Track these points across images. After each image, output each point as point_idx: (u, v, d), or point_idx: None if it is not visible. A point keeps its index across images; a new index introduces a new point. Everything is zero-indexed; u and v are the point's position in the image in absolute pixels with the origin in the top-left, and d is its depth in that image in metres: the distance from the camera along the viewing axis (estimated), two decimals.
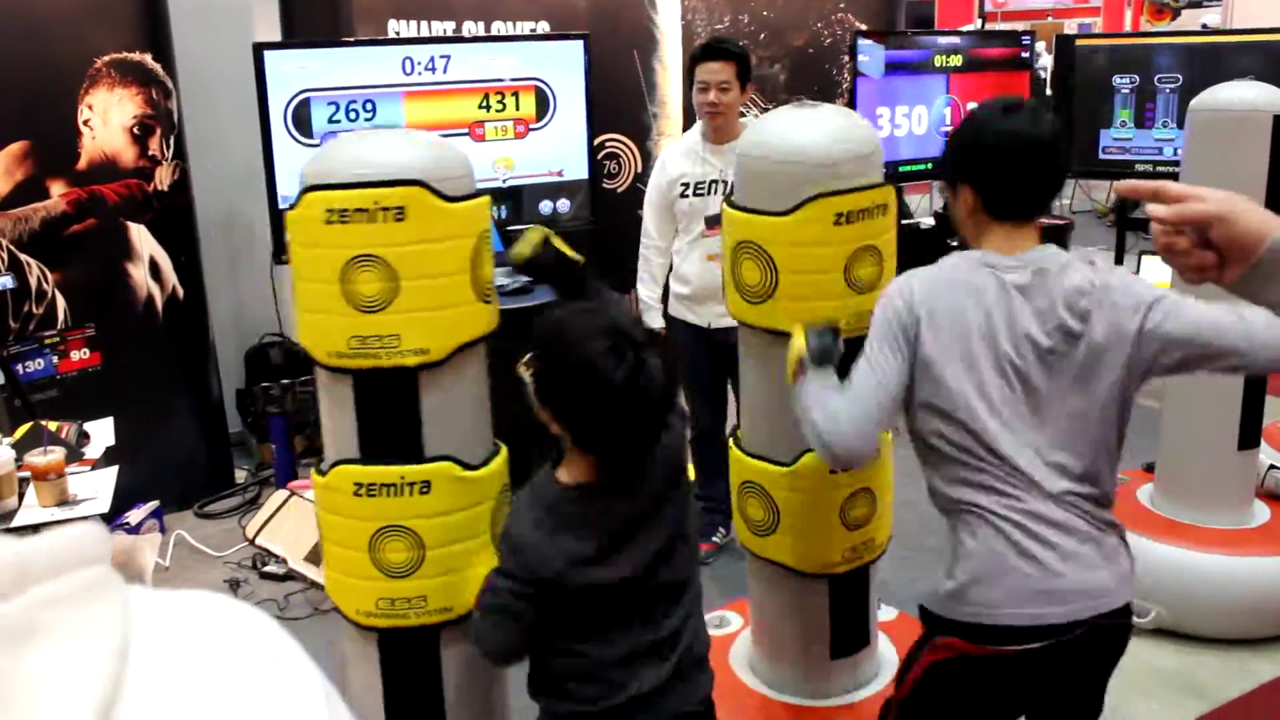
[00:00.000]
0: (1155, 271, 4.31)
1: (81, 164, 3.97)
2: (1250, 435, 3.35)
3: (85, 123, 3.96)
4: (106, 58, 3.97)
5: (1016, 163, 1.86)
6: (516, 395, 1.84)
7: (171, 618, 0.49)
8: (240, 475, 4.79)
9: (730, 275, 2.38)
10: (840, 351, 2.07)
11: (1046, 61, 7.97)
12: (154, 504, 4.13)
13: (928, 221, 5.45)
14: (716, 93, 3.41)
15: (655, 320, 3.68)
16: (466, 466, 2.03)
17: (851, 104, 4.98)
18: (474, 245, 1.98)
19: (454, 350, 1.99)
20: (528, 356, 1.79)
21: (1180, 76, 5.07)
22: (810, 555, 2.46)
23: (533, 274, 2.16)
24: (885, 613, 2.95)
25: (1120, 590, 1.86)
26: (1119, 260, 5.49)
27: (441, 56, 3.78)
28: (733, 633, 2.89)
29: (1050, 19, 12.37)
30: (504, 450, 2.15)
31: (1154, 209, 1.19)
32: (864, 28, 5.63)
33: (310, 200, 1.89)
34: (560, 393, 1.74)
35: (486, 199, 2.03)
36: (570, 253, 2.07)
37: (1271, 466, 3.54)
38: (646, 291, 3.74)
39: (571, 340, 1.71)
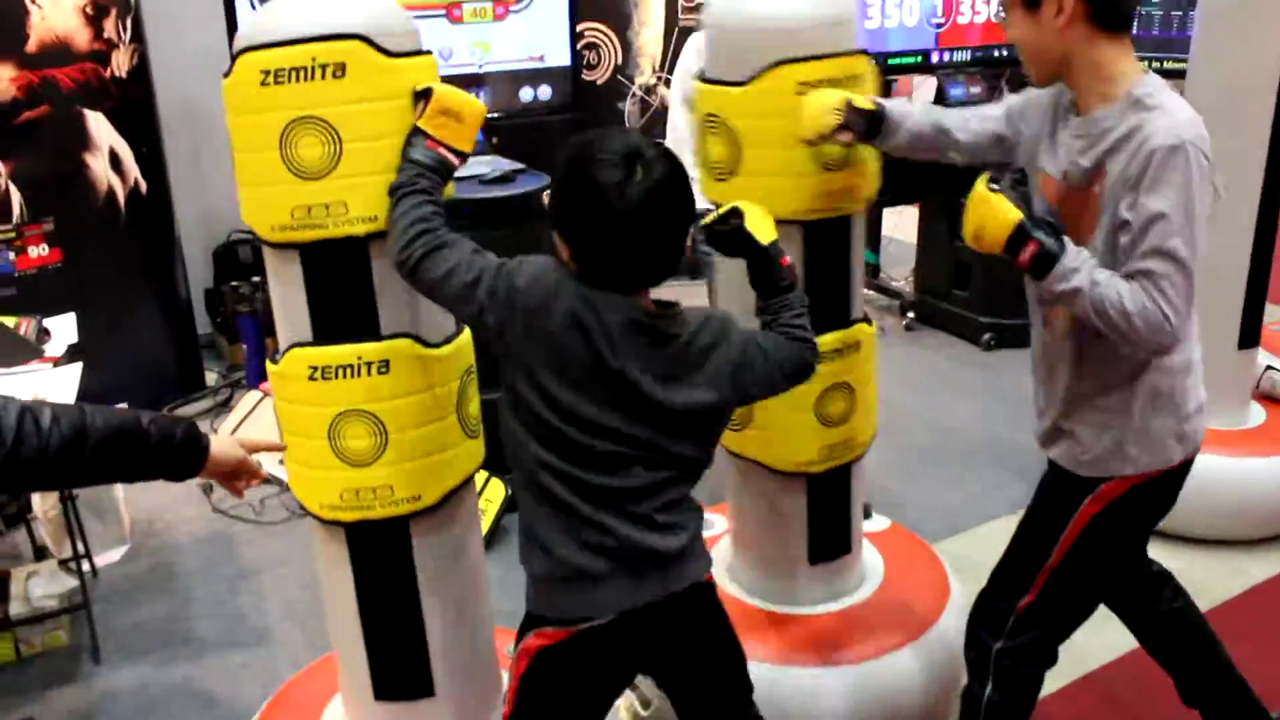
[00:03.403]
0: None
1: (31, 46, 3.74)
2: (1250, 334, 3.28)
3: (33, 1, 3.72)
4: None
5: None
6: None
7: None
8: (211, 377, 4.67)
9: (697, 152, 2.29)
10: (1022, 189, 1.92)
11: None
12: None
13: None
14: None
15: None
16: (427, 344, 1.93)
17: None
18: None
19: None
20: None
21: None
22: (784, 453, 2.38)
23: (716, 245, 1.98)
24: (877, 522, 2.88)
25: None
26: None
27: None
28: (714, 535, 2.82)
29: None
30: (467, 329, 2.04)
31: None
32: None
33: (244, 63, 1.77)
34: (565, 212, 1.62)
35: (432, 57, 1.90)
36: (760, 234, 1.90)
37: (1269, 368, 3.48)
38: None
39: (582, 155, 1.60)
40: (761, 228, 1.90)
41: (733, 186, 2.19)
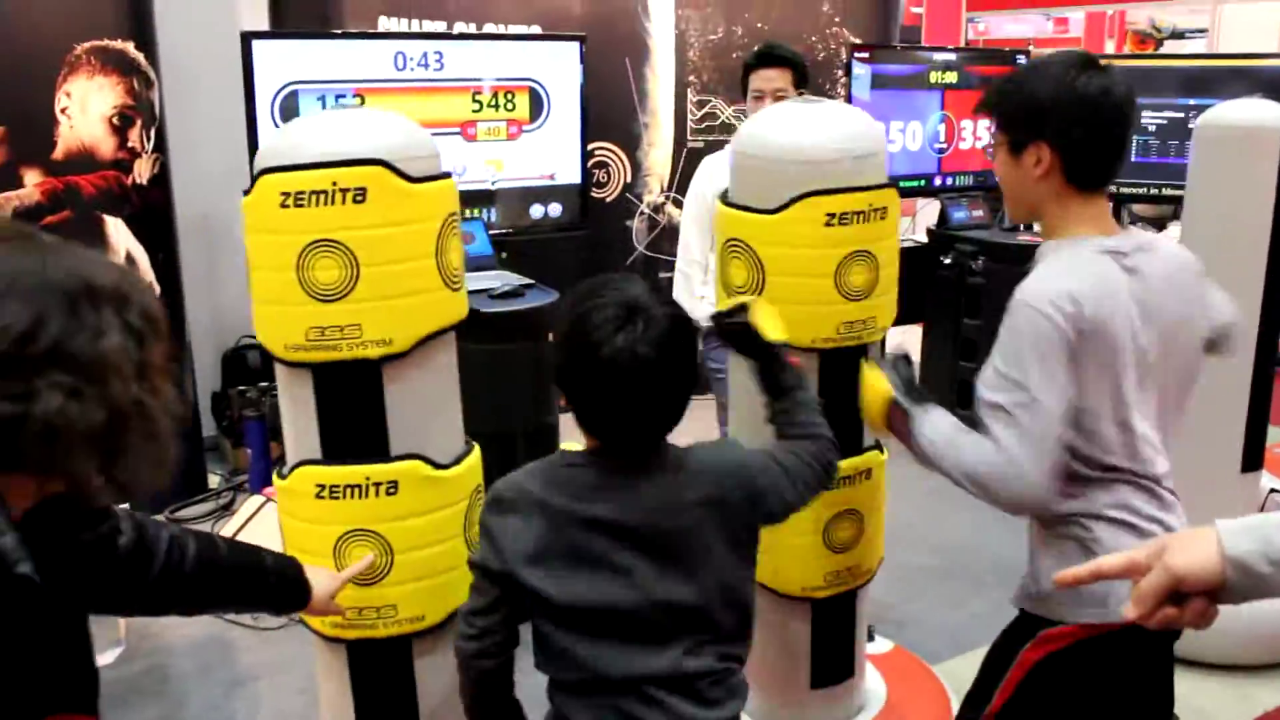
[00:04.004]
0: None
1: (58, 153, 3.85)
2: (1253, 457, 3.29)
3: (63, 111, 3.84)
4: (87, 44, 3.86)
5: (1109, 121, 1.75)
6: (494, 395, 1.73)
7: None
8: (214, 480, 4.66)
9: (719, 275, 2.30)
10: (916, 371, 2.03)
11: None
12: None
13: (919, 238, 5.40)
14: (772, 101, 3.23)
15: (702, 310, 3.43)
16: (436, 465, 1.93)
17: None
18: (440, 229, 1.89)
19: (419, 340, 1.89)
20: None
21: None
22: (790, 576, 2.37)
23: (725, 338, 1.99)
24: (879, 644, 2.85)
25: None
26: None
27: (435, 53, 3.68)
28: None
29: (1033, 48, 12.45)
30: (476, 449, 2.04)
31: (1127, 613, 1.15)
32: (858, 42, 5.59)
33: (265, 184, 1.79)
34: (561, 363, 1.58)
35: (452, 181, 1.93)
36: (768, 330, 1.91)
37: (1273, 490, 3.48)
38: (691, 303, 3.44)
39: (576, 308, 1.56)
40: (770, 324, 1.91)
41: None
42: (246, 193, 1.83)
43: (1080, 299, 1.69)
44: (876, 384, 1.98)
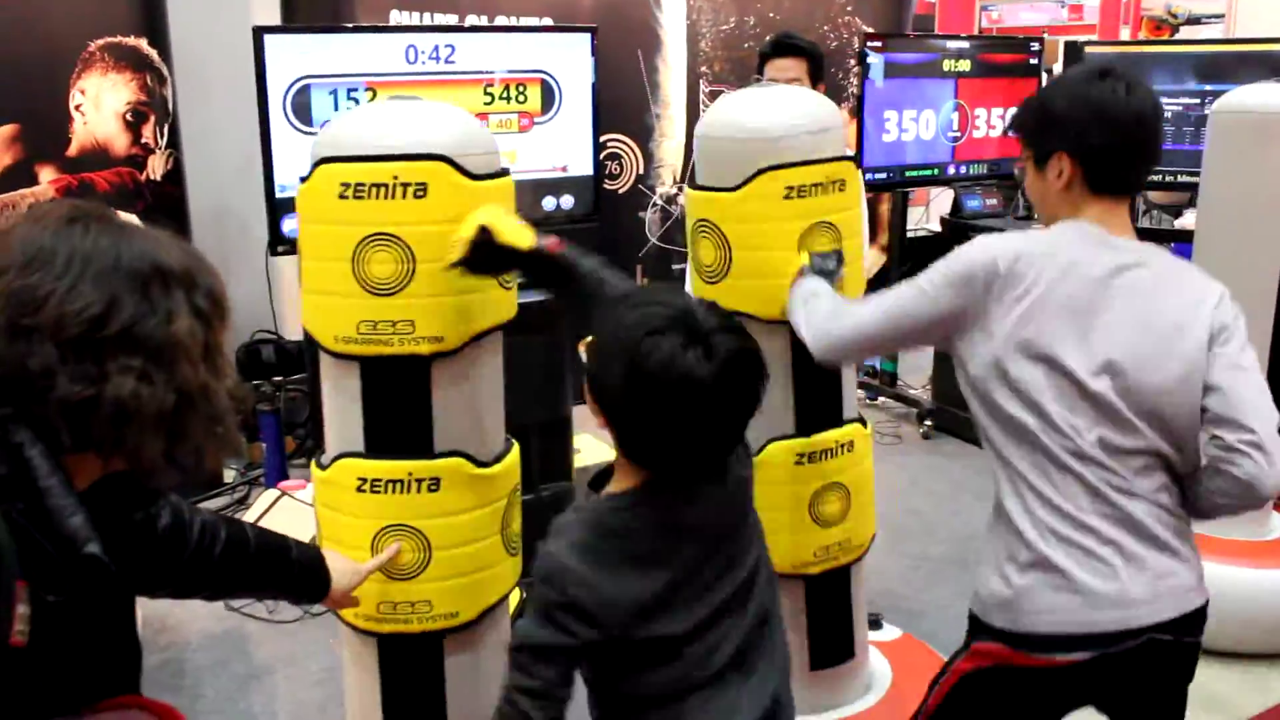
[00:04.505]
0: None
1: (72, 150, 3.87)
2: None
3: (77, 108, 3.85)
4: (100, 41, 3.88)
5: (1125, 127, 1.74)
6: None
7: None
8: (229, 475, 4.68)
9: (690, 256, 2.35)
10: (840, 274, 2.14)
11: (1056, 69, 7.93)
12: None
13: (933, 227, 5.38)
14: None
15: None
16: (479, 464, 1.93)
17: (859, 107, 4.91)
18: None
19: (470, 339, 1.89)
20: (589, 339, 1.55)
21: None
22: (780, 552, 2.36)
23: (478, 271, 1.82)
24: (887, 632, 2.84)
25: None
26: None
27: (446, 46, 3.67)
28: None
29: (1047, 36, 12.37)
30: (516, 447, 2.05)
31: None
32: (871, 31, 5.57)
33: (324, 173, 1.78)
34: (613, 392, 1.44)
35: (510, 179, 1.92)
36: (515, 240, 1.76)
37: None
38: None
39: (625, 328, 1.42)
40: (518, 235, 1.78)
41: (723, 288, 2.23)
42: (303, 179, 1.82)
43: (1022, 254, 1.72)
44: (800, 261, 2.15)
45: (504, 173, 1.91)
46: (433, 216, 1.77)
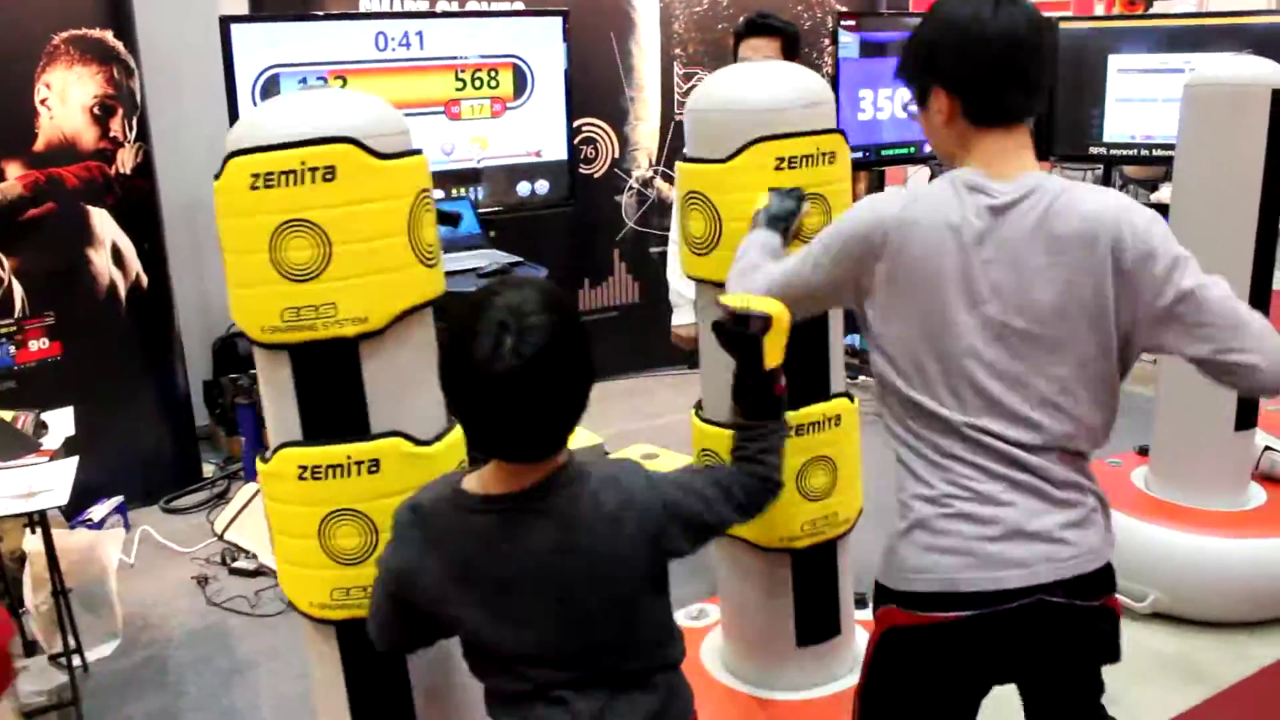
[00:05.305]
0: None
1: (39, 145, 3.82)
2: (1247, 416, 3.29)
3: (43, 102, 3.80)
4: (65, 34, 3.82)
5: (993, 52, 1.62)
6: None
7: None
8: (208, 469, 4.66)
9: (680, 229, 2.37)
10: (802, 211, 2.14)
11: None
12: (118, 499, 3.99)
13: None
14: None
15: (685, 316, 3.42)
16: (417, 442, 1.92)
17: (834, 85, 4.90)
18: (411, 205, 1.87)
19: (395, 317, 1.88)
20: None
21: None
22: (767, 527, 2.38)
23: (718, 334, 1.86)
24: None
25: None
26: None
27: (416, 32, 3.65)
28: (709, 625, 2.82)
29: None
30: (459, 426, 2.03)
31: None
32: (844, 9, 5.55)
33: (234, 166, 1.79)
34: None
35: (423, 157, 1.92)
36: (770, 354, 1.80)
37: (1267, 448, 3.48)
38: (681, 284, 3.42)
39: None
40: (774, 347, 1.80)
41: (713, 260, 2.25)
42: (217, 176, 1.83)
43: (903, 221, 1.66)
44: (760, 199, 2.15)
45: (416, 152, 1.91)
46: (344, 198, 1.78)
